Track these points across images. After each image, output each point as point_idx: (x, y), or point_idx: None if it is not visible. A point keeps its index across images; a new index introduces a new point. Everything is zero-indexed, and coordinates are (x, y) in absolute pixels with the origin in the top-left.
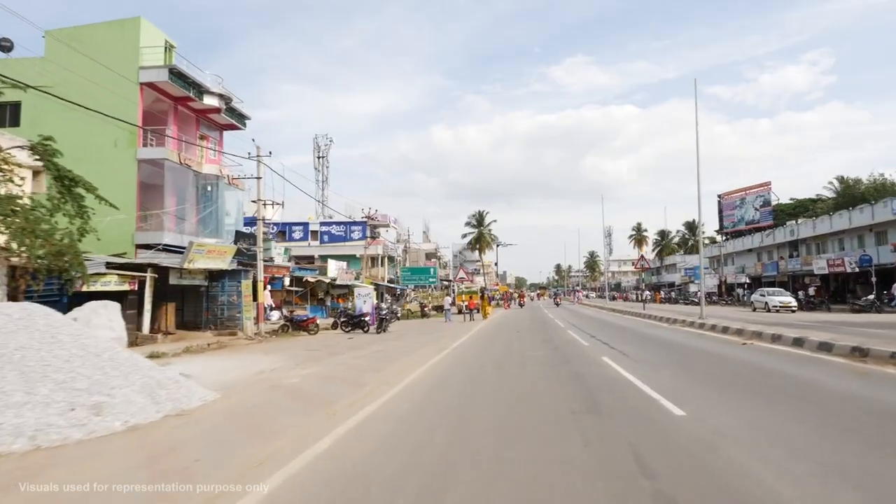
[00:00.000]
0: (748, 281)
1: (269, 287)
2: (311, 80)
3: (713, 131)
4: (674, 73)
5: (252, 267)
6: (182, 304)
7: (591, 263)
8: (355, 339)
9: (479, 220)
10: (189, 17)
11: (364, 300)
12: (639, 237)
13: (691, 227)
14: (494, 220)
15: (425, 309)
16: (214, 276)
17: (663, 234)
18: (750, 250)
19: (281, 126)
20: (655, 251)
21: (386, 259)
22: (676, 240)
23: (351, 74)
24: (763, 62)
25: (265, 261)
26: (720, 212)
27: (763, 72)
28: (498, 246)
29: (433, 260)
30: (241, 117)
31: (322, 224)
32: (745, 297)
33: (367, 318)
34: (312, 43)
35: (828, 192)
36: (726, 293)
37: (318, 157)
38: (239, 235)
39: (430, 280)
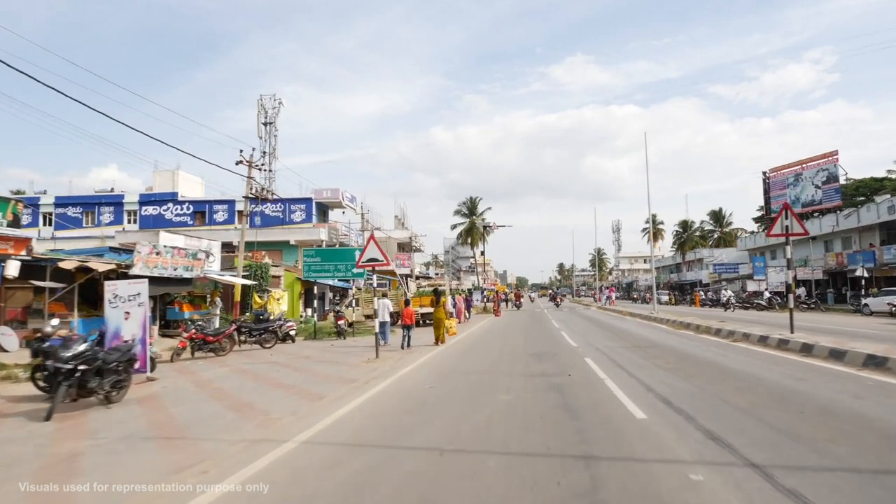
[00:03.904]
0: (865, 276)
1: None
2: (311, 82)
3: (714, 130)
4: (675, 72)
5: None
6: None
7: (598, 261)
8: None
9: (470, 209)
10: (191, 20)
11: (130, 310)
12: (654, 230)
13: (717, 216)
14: (489, 208)
15: (340, 323)
16: None
17: (685, 226)
18: (813, 238)
19: (281, 127)
20: (675, 245)
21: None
22: (697, 234)
23: (351, 75)
24: (765, 61)
25: None
26: (766, 192)
27: (765, 70)
28: (486, 228)
29: (407, 254)
30: None
31: (253, 202)
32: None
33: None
34: (313, 44)
35: None
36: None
37: (264, 124)
38: None
39: (352, 271)
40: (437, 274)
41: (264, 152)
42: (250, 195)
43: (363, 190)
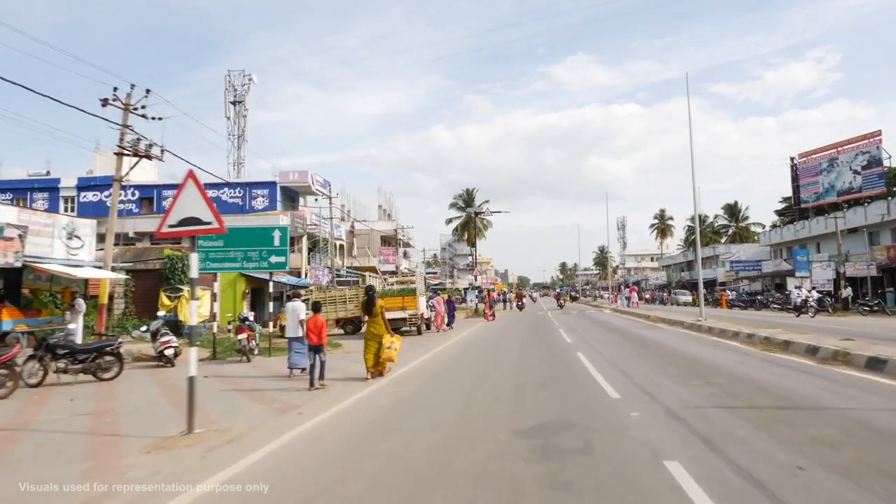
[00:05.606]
0: None
1: None
2: (312, 82)
3: (715, 129)
4: (677, 72)
5: None
6: None
7: (602, 260)
8: None
9: (467, 202)
10: (191, 20)
11: None
12: (662, 226)
13: (732, 210)
14: (487, 201)
15: (241, 337)
16: None
17: (699, 220)
18: (853, 230)
19: (282, 128)
20: (686, 241)
21: (304, 240)
22: (709, 230)
23: (352, 76)
24: (768, 60)
25: None
26: (794, 180)
27: (767, 69)
28: (477, 215)
29: (392, 248)
30: None
31: (208, 187)
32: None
33: None
34: (314, 44)
35: None
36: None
37: (232, 103)
38: None
39: (263, 261)
40: (434, 272)
41: (232, 135)
42: (125, 150)
43: (363, 190)
